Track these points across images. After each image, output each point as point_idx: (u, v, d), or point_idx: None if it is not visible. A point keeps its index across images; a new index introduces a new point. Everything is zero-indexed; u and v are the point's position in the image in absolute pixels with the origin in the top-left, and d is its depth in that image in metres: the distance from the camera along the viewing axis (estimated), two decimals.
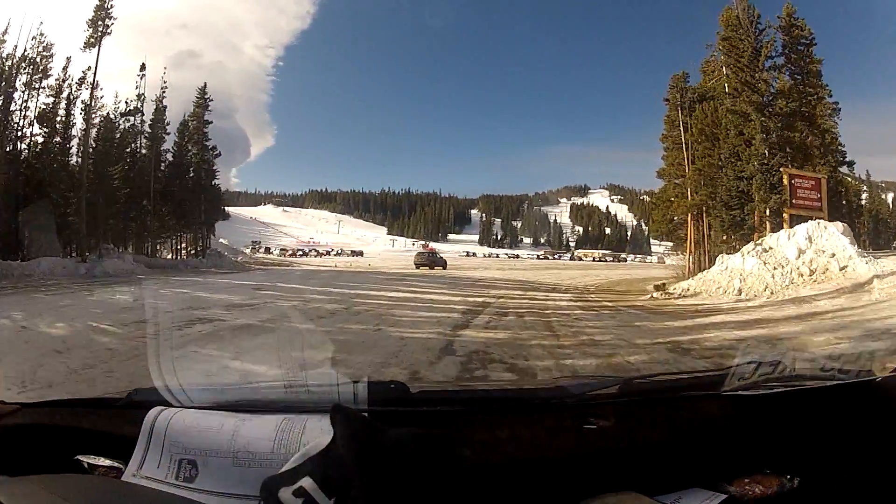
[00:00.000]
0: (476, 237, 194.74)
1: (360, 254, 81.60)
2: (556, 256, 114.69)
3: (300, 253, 70.63)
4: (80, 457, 0.96)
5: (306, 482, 0.76)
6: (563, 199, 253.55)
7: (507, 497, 0.84)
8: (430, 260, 37.08)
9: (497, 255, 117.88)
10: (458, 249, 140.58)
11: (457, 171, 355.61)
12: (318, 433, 0.86)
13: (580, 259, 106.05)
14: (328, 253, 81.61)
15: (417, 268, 34.15)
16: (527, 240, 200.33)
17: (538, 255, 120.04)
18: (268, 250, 72.04)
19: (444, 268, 35.22)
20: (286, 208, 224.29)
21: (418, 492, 0.74)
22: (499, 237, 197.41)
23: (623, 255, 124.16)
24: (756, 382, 1.04)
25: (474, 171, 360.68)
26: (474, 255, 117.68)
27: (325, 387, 1.11)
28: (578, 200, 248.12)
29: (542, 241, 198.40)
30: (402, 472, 0.75)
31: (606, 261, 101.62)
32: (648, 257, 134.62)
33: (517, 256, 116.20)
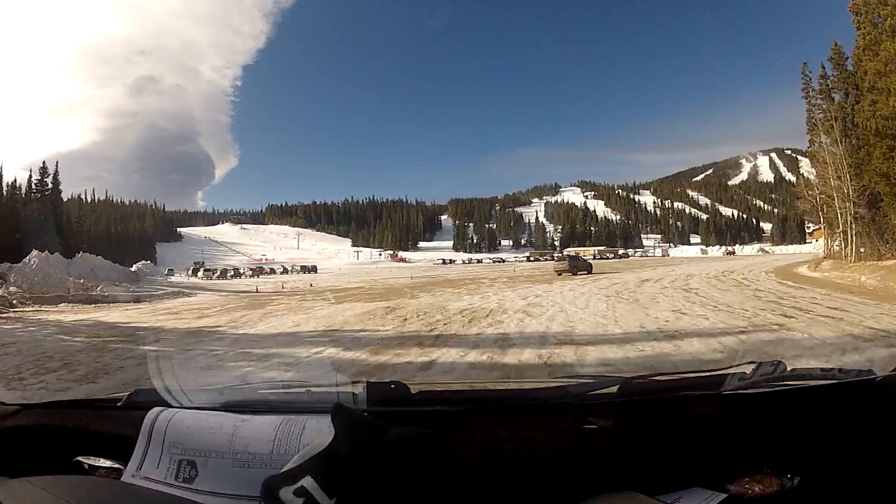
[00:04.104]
0: (449, 243, 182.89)
1: (313, 269, 71.20)
2: (545, 258, 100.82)
3: (231, 274, 59.18)
4: (80, 458, 0.95)
5: (307, 482, 0.75)
6: (535, 199, 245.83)
7: (508, 497, 0.84)
8: (573, 266, 30.48)
9: (479, 261, 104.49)
10: (431, 256, 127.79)
11: (423, 176, 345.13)
12: (317, 433, 0.86)
13: None
14: (272, 271, 70.51)
15: (559, 275, 28.79)
16: (505, 242, 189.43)
17: (527, 257, 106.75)
18: (195, 271, 61.89)
19: (590, 272, 30.09)
20: (244, 226, 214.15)
21: (419, 491, 0.74)
22: (475, 241, 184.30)
23: (621, 251, 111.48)
24: (756, 382, 1.03)
25: (441, 175, 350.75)
26: (452, 261, 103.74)
27: (324, 387, 1.11)
28: (551, 199, 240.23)
29: (523, 242, 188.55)
30: (403, 472, 0.75)
31: (607, 258, 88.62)
32: (651, 251, 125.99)
33: (502, 260, 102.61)
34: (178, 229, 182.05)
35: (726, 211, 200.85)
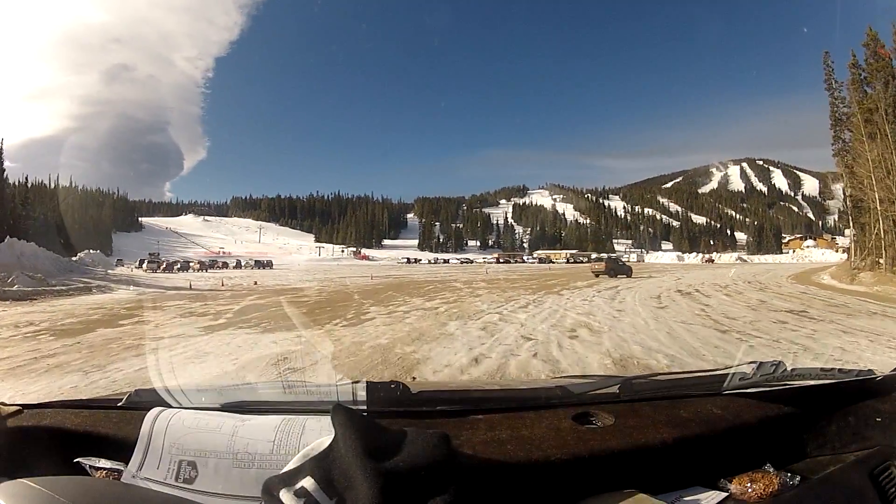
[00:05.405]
0: (415, 241, 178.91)
1: (268, 265, 68.15)
2: (515, 259, 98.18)
3: (178, 267, 55.82)
4: (80, 459, 0.95)
5: (307, 482, 0.75)
6: (503, 200, 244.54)
7: (508, 497, 0.83)
8: (611, 268, 29.63)
9: (447, 261, 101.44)
10: (396, 255, 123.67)
11: (390, 173, 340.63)
12: (317, 433, 0.86)
13: (550, 261, 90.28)
14: (225, 265, 67.41)
15: (596, 276, 28.72)
16: (472, 242, 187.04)
17: (496, 258, 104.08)
18: (142, 263, 60.55)
19: (629, 276, 29.09)
20: (207, 217, 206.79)
21: (420, 491, 0.74)
22: (441, 240, 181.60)
23: (594, 255, 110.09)
24: (757, 382, 1.03)
25: (408, 173, 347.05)
26: (418, 261, 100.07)
27: (324, 387, 1.12)
28: (519, 200, 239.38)
29: (490, 243, 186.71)
30: (403, 472, 0.75)
31: (582, 261, 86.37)
32: (624, 256, 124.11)
33: (470, 261, 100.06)
34: (141, 219, 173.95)
35: (698, 219, 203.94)
